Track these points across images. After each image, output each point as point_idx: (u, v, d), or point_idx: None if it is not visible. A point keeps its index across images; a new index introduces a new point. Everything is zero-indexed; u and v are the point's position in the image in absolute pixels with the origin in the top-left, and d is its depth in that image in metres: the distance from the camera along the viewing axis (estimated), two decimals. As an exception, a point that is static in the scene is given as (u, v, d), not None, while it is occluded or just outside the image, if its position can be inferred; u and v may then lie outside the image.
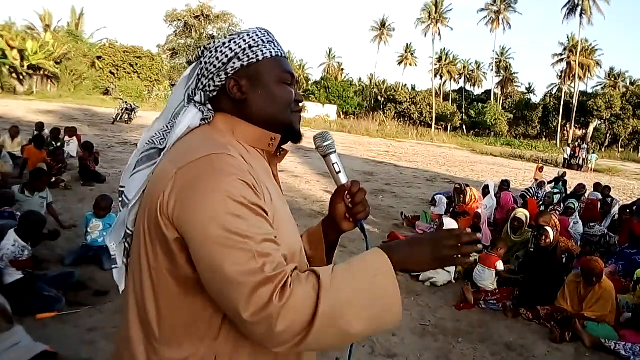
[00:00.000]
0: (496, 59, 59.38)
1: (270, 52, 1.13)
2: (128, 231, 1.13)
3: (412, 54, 66.66)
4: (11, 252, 4.03)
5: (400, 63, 67.04)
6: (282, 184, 1.28)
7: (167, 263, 0.97)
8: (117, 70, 40.30)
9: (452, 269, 5.62)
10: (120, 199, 1.16)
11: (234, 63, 1.10)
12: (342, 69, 74.12)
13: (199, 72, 1.13)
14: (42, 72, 33.66)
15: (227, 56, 1.10)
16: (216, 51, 1.11)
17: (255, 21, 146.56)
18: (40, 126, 11.06)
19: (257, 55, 1.11)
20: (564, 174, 13.50)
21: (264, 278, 0.87)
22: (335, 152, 1.26)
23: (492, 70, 60.01)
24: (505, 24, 55.83)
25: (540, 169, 14.53)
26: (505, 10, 55.26)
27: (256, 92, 1.11)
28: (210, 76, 1.11)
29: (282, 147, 1.23)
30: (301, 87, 60.65)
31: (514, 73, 63.03)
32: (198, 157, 0.96)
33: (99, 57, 40.10)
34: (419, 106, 52.47)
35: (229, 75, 1.10)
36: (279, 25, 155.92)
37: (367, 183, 12.93)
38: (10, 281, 3.93)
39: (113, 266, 1.24)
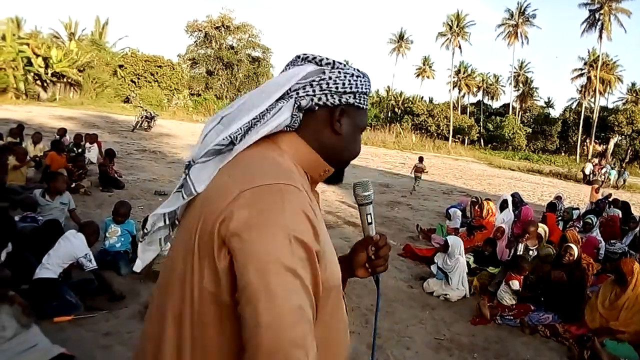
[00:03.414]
0: (515, 72, 58.95)
1: (366, 105, 1.18)
2: (177, 221, 1.13)
3: (430, 67, 66.55)
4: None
5: (418, 76, 66.96)
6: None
7: (211, 284, 0.94)
8: (138, 78, 40.92)
9: (466, 285, 5.56)
10: (185, 179, 1.08)
11: (349, 97, 1.11)
12: (360, 81, 74.08)
13: (316, 80, 1.09)
14: (65, 80, 34.29)
15: (350, 87, 1.11)
16: (345, 76, 1.11)
17: (274, 32, 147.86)
18: (62, 132, 11.27)
19: (364, 104, 1.15)
20: (610, 195, 12.87)
21: None
22: (371, 203, 1.28)
23: (510, 84, 59.60)
24: (523, 38, 55.50)
25: (596, 190, 14.16)
26: (524, 24, 54.93)
27: (348, 132, 1.13)
28: (327, 91, 1.09)
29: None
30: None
31: (534, 87, 62.51)
32: (264, 184, 0.94)
33: (120, 66, 40.76)
34: (436, 119, 52.23)
35: (341, 104, 1.11)
36: (296, 36, 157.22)
37: (382, 194, 12.89)
38: (42, 276, 4.00)
39: (140, 239, 1.22)
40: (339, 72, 1.11)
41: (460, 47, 55.82)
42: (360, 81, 1.13)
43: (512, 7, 56.78)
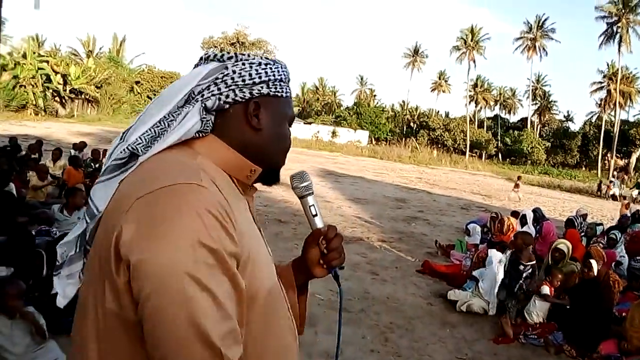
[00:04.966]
0: (532, 86, 58.57)
1: (290, 93, 1.11)
2: (88, 246, 1.00)
3: (445, 81, 66.50)
4: None
5: (433, 90, 66.93)
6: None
7: (114, 304, 0.84)
8: (155, 94, 41.33)
9: (493, 299, 5.42)
10: (88, 202, 1.01)
11: (261, 87, 1.03)
12: (375, 95, 74.47)
13: (220, 76, 1.01)
14: (83, 96, 35.03)
15: (260, 77, 1.03)
16: (250, 66, 1.03)
17: (289, 48, 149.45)
18: (82, 145, 11.42)
19: (283, 92, 1.07)
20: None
21: None
22: (312, 193, 1.19)
23: (527, 97, 59.21)
24: (541, 51, 55.24)
25: (627, 206, 13.81)
26: (542, 38, 54.71)
27: (269, 126, 1.05)
28: (234, 86, 1.01)
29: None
30: (333, 112, 61.09)
31: (552, 101, 62.02)
32: (160, 187, 0.83)
33: (137, 82, 41.48)
34: (452, 133, 52.02)
35: (253, 96, 1.02)
36: (312, 52, 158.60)
37: (399, 210, 12.77)
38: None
39: (54, 273, 1.08)
40: (243, 64, 1.02)
41: (474, 61, 55.69)
42: (271, 68, 1.05)
43: (529, 19, 56.50)
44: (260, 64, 1.04)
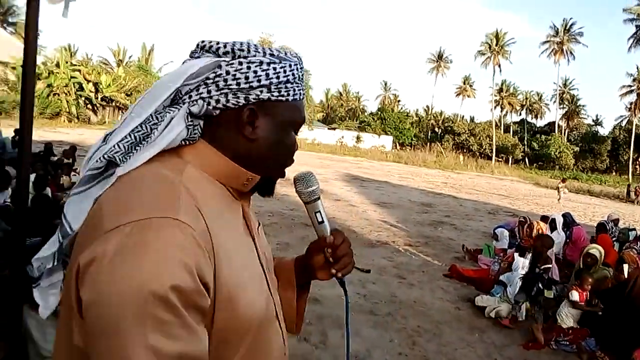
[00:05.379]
0: (559, 90, 57.54)
1: (300, 94, 0.95)
2: (67, 259, 0.89)
3: (470, 86, 65.87)
4: None
5: (458, 95, 66.35)
6: (338, 212, 1.13)
7: (80, 341, 0.75)
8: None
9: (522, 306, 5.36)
10: (61, 217, 0.87)
11: (261, 91, 0.88)
12: (399, 101, 74.21)
13: (211, 77, 0.87)
14: (114, 104, 35.90)
15: (259, 80, 0.87)
16: (248, 67, 0.87)
17: (313, 54, 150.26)
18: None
19: (288, 95, 0.91)
20: None
21: None
22: (319, 198, 1.08)
23: (554, 102, 58.21)
24: (569, 55, 54.29)
25: None
26: (569, 42, 53.80)
27: (268, 135, 0.91)
28: (227, 90, 0.87)
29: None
30: (357, 118, 61.06)
31: (580, 105, 60.80)
32: (131, 221, 0.72)
33: (165, 90, 42.29)
34: (478, 138, 51.46)
35: (249, 102, 0.88)
36: (336, 58, 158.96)
37: (425, 214, 12.69)
38: None
39: (33, 285, 0.96)
40: (240, 63, 0.87)
41: (499, 66, 55.05)
42: (275, 69, 0.89)
43: (555, 23, 55.81)
44: (262, 63, 0.88)
